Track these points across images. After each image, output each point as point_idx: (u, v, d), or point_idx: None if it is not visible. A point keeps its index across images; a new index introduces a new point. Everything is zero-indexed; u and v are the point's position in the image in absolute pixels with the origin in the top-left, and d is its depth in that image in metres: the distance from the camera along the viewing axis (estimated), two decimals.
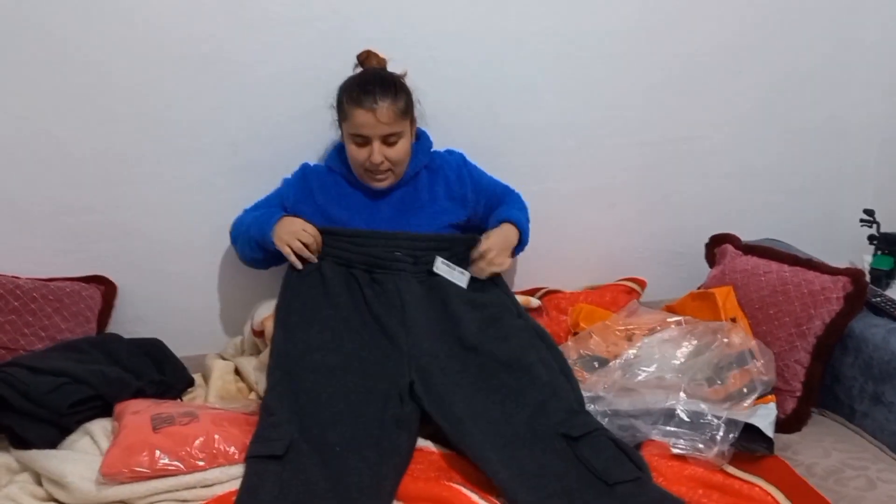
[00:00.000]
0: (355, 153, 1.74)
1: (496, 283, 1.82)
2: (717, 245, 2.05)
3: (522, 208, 1.92)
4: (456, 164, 1.90)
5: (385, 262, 1.74)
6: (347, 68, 1.83)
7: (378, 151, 1.71)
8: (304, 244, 1.73)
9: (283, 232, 1.75)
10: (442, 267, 1.76)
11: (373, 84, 1.71)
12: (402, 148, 1.75)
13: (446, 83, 1.96)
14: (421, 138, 1.88)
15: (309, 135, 1.95)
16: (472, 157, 1.96)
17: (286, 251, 1.73)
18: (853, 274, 1.68)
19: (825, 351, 1.67)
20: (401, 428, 1.52)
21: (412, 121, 1.79)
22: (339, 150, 1.87)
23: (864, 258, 2.16)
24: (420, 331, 1.67)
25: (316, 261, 1.75)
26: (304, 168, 1.89)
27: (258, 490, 1.37)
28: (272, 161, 1.94)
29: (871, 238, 2.12)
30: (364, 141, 1.72)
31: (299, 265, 1.74)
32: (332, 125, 1.86)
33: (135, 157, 1.89)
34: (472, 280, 1.78)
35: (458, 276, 1.77)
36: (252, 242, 1.80)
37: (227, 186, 1.95)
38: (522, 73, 2.05)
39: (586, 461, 1.42)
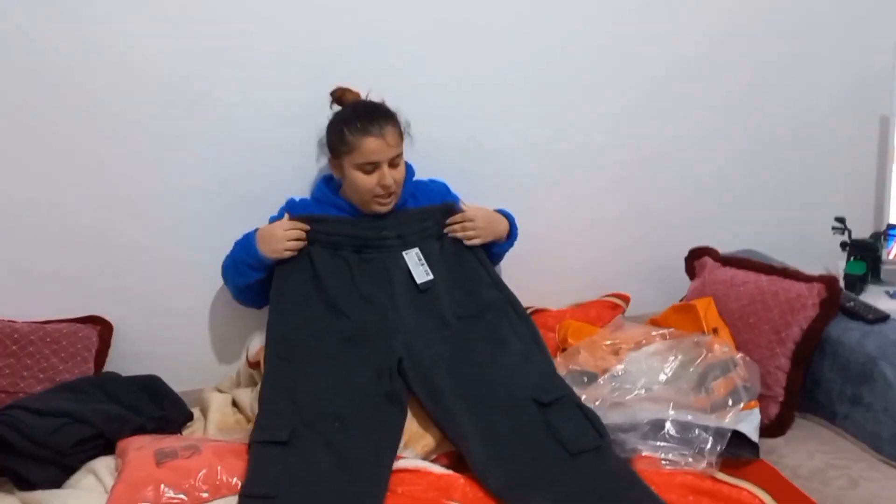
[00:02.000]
0: (363, 181, 1.79)
1: (476, 256, 1.90)
2: (696, 258, 2.11)
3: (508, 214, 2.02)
4: (439, 191, 1.97)
5: (373, 241, 1.82)
6: (328, 101, 1.89)
7: (389, 174, 1.79)
8: (298, 239, 1.80)
9: (272, 242, 1.80)
10: (413, 257, 1.83)
11: (371, 113, 1.80)
12: (403, 168, 1.85)
13: (428, 113, 2.01)
14: (407, 166, 1.92)
15: (296, 168, 2.00)
16: (456, 182, 2.02)
17: (289, 255, 1.79)
18: (827, 280, 1.75)
19: (804, 356, 1.73)
20: (392, 403, 1.64)
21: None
22: (325, 182, 1.93)
23: (839, 264, 2.24)
24: (406, 307, 1.78)
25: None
26: (290, 203, 1.93)
27: (264, 471, 1.47)
28: (261, 195, 1.98)
29: (843, 245, 2.20)
30: (373, 167, 1.78)
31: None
32: (318, 158, 1.91)
33: (127, 197, 1.93)
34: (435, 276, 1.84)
35: (422, 273, 1.82)
36: (245, 269, 1.84)
37: (219, 222, 1.99)
38: (501, 100, 2.12)
39: (554, 429, 1.56)
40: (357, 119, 1.79)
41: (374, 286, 1.80)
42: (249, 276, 1.84)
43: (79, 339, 1.86)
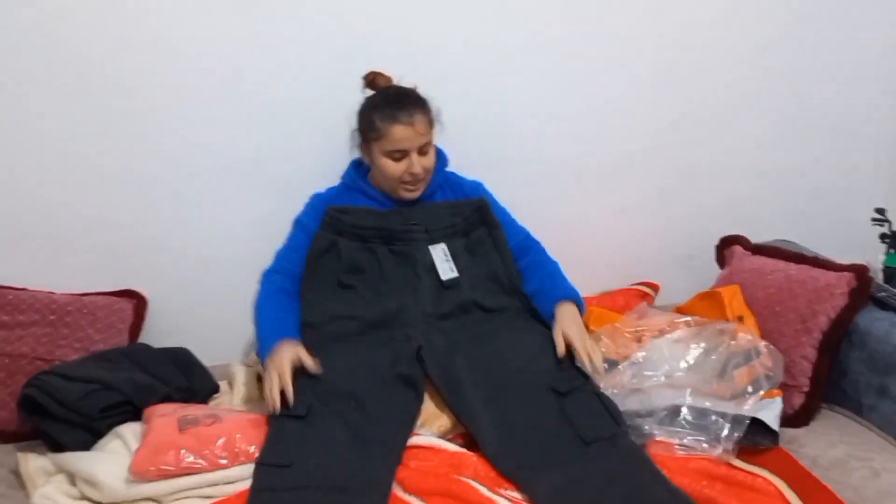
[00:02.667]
0: (392, 168, 1.79)
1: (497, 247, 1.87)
2: (727, 246, 2.08)
3: (556, 269, 1.89)
4: (471, 186, 1.94)
5: (400, 234, 1.82)
6: (360, 84, 1.91)
7: (418, 162, 1.78)
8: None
9: (270, 373, 1.62)
10: (440, 253, 1.82)
11: (403, 100, 1.78)
12: (433, 156, 1.83)
13: (458, 96, 2.00)
14: (439, 155, 1.92)
15: (326, 149, 2.02)
16: (483, 167, 2.00)
17: (265, 393, 1.61)
18: (858, 269, 1.71)
19: (831, 346, 1.69)
20: (409, 388, 1.66)
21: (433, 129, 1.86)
22: (355, 168, 1.93)
23: (878, 257, 2.17)
24: (429, 297, 1.80)
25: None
26: (315, 200, 1.91)
27: (281, 442, 1.51)
28: (291, 176, 2.02)
29: (883, 236, 2.13)
30: (402, 155, 1.78)
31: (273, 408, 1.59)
32: (349, 140, 1.93)
33: (162, 176, 1.99)
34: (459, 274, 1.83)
35: (447, 269, 1.82)
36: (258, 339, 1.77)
37: (250, 201, 2.04)
38: (532, 83, 2.11)
39: (570, 418, 1.55)
40: (387, 105, 1.78)
41: (400, 276, 1.82)
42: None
43: (114, 312, 1.93)
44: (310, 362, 1.63)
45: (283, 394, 1.57)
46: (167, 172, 1.99)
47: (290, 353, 1.63)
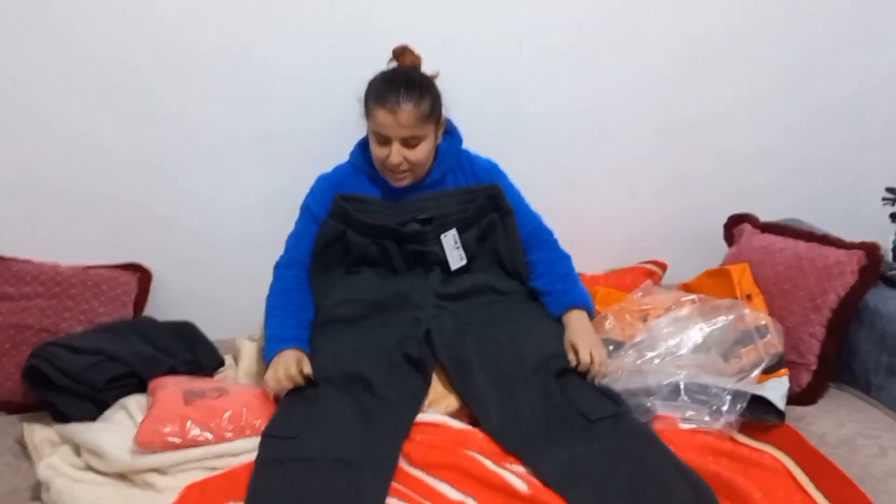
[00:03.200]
0: (376, 150, 1.76)
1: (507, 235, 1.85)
2: (735, 224, 2.06)
3: (569, 268, 1.87)
4: (486, 169, 1.89)
5: (411, 235, 1.79)
6: (371, 62, 1.87)
7: (397, 153, 1.71)
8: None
9: (272, 373, 1.62)
10: (450, 240, 1.80)
11: (398, 85, 1.70)
12: (422, 151, 1.74)
13: (468, 76, 1.98)
14: (452, 136, 1.88)
15: (334, 127, 1.99)
16: (495, 148, 1.97)
17: (268, 389, 1.62)
18: (868, 248, 1.69)
19: (840, 324, 1.68)
20: (417, 370, 1.66)
21: (437, 123, 1.78)
22: (360, 148, 1.89)
23: (889, 237, 2.15)
24: (438, 282, 1.79)
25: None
26: (324, 178, 1.87)
27: (288, 416, 1.52)
28: (299, 153, 2.01)
29: (893, 216, 2.11)
30: (385, 140, 1.72)
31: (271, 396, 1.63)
32: (355, 118, 1.91)
33: (169, 151, 1.98)
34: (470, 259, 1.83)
35: (456, 258, 1.80)
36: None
37: (257, 178, 2.04)
38: (541, 63, 2.09)
39: (572, 400, 1.56)
40: (381, 85, 1.72)
41: (409, 264, 1.81)
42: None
43: (119, 285, 1.92)
44: (308, 370, 1.62)
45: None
46: (173, 148, 1.98)
47: (291, 360, 1.62)
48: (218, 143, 2.00)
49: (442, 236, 1.79)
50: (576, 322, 1.74)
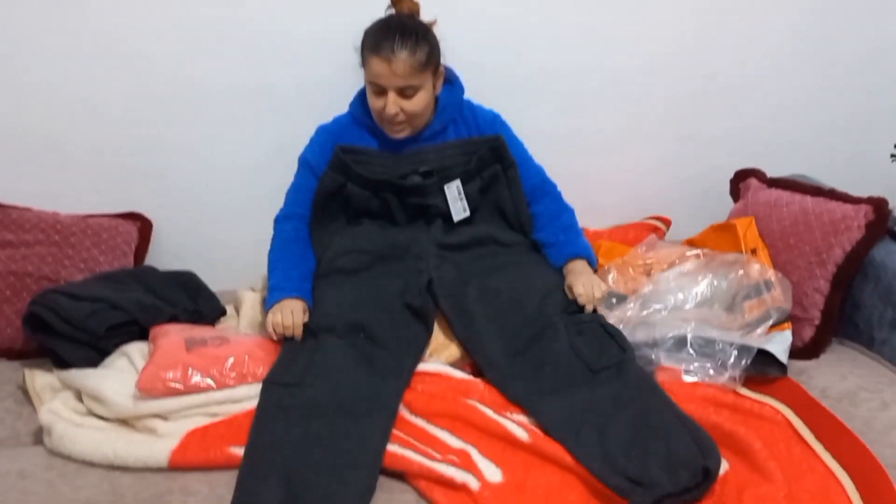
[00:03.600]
0: (373, 101, 1.73)
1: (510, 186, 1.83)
2: (741, 180, 2.04)
3: (572, 220, 1.86)
4: (489, 121, 1.86)
5: (412, 189, 1.77)
6: (370, 11, 1.82)
7: (393, 103, 1.67)
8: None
9: (275, 316, 1.63)
10: (453, 190, 1.78)
11: (393, 33, 1.65)
12: (419, 101, 1.70)
13: (473, 32, 1.95)
14: (454, 86, 1.84)
15: (335, 78, 1.97)
16: (500, 103, 1.93)
17: (269, 330, 1.63)
18: (876, 202, 1.67)
19: (845, 279, 1.67)
20: (418, 320, 1.65)
21: (435, 73, 1.74)
22: (360, 99, 1.85)
23: None
24: (441, 232, 1.78)
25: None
26: (323, 130, 1.85)
27: (290, 363, 1.52)
28: (299, 104, 1.98)
29: None
30: (381, 90, 1.69)
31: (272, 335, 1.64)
32: (355, 68, 1.87)
33: (169, 99, 1.95)
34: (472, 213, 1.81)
35: (459, 209, 1.78)
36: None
37: (257, 129, 2.01)
38: (547, 16, 2.04)
39: (577, 349, 1.54)
40: (377, 33, 1.68)
41: (409, 218, 1.80)
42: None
43: (119, 234, 1.91)
44: (305, 319, 1.63)
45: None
46: (174, 97, 1.96)
47: (295, 307, 1.63)
48: (218, 93, 1.97)
49: (445, 186, 1.77)
50: (576, 268, 1.74)
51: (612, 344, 1.55)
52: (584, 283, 1.67)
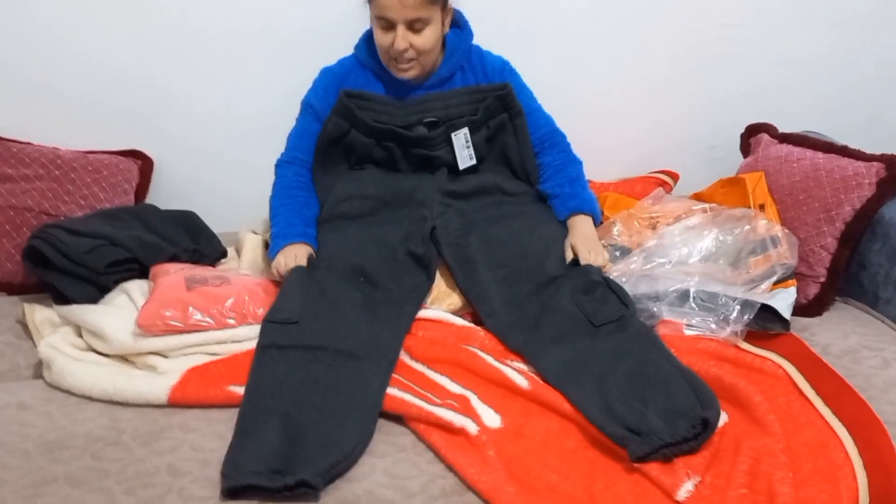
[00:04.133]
0: (380, 38, 1.68)
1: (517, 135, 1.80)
2: (752, 134, 2.01)
3: (578, 172, 1.83)
4: (497, 68, 1.82)
5: (418, 140, 1.74)
6: None
7: (402, 38, 1.64)
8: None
9: (281, 259, 1.64)
10: (461, 139, 1.75)
11: None
12: (429, 36, 1.67)
13: None
14: (464, 30, 1.80)
15: (341, 16, 1.92)
16: (506, 45, 1.89)
17: (273, 274, 1.64)
18: (888, 160, 1.65)
19: (853, 237, 1.65)
20: (420, 268, 1.64)
21: (444, 9, 1.70)
22: (366, 41, 1.81)
23: None
24: (445, 179, 1.76)
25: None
26: (327, 72, 1.81)
27: (290, 302, 1.51)
28: (303, 43, 1.94)
29: None
30: (389, 25, 1.65)
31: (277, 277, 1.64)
32: (361, 7, 1.83)
33: (171, 37, 1.92)
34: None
35: (465, 157, 1.76)
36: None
37: (262, 66, 1.98)
38: None
39: (580, 304, 1.53)
40: None
41: (413, 167, 1.78)
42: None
43: (120, 171, 1.89)
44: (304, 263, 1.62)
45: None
46: (176, 33, 1.92)
47: (300, 251, 1.63)
48: (221, 31, 1.94)
49: (453, 135, 1.74)
50: (579, 226, 1.72)
51: (615, 300, 1.53)
52: (588, 250, 1.64)
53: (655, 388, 1.31)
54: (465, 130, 1.75)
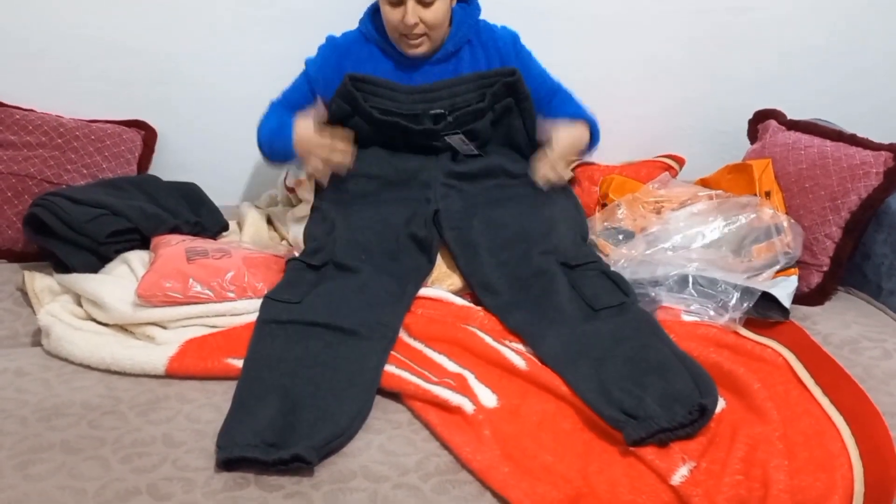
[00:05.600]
0: (389, 13, 1.66)
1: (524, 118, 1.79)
2: (760, 121, 1.99)
3: (583, 109, 1.83)
4: (507, 41, 1.80)
5: (421, 133, 1.72)
6: None
7: (412, 12, 1.62)
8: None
9: (308, 153, 1.65)
10: (457, 141, 1.72)
11: None
12: (439, 10, 1.65)
13: None
14: (471, 4, 1.78)
15: None
16: (514, 25, 1.87)
17: (314, 166, 1.65)
18: None
19: (858, 226, 1.64)
20: (422, 250, 1.63)
21: None
22: (373, 13, 1.78)
23: None
24: (448, 163, 1.74)
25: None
26: (331, 42, 1.79)
27: (293, 284, 1.51)
28: (310, 10, 1.93)
29: None
30: (398, 0, 1.63)
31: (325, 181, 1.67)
32: None
33: (178, 8, 1.91)
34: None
35: (467, 150, 1.74)
36: (280, 154, 1.75)
37: (266, 37, 1.96)
38: None
39: (579, 288, 1.53)
40: None
41: (418, 149, 1.75)
42: (286, 160, 1.77)
43: (123, 142, 1.88)
44: (323, 110, 1.65)
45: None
46: (184, 4, 1.91)
47: (310, 118, 1.64)
48: (228, 6, 1.93)
49: (447, 137, 1.72)
50: (567, 129, 1.71)
51: (615, 288, 1.53)
52: (552, 165, 1.66)
53: (654, 374, 1.31)
54: (460, 135, 1.72)
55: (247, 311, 1.48)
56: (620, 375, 1.31)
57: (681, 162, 2.15)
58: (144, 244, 1.65)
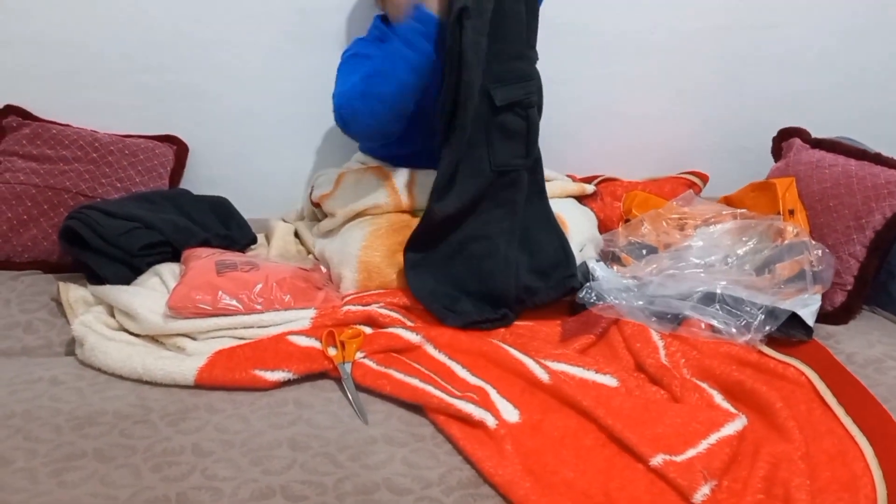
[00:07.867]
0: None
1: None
2: (785, 138, 1.99)
3: None
4: None
5: None
6: None
7: None
8: None
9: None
10: None
11: None
12: None
13: None
14: None
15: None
16: (542, 39, 1.84)
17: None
18: None
19: (882, 245, 1.63)
20: None
21: None
22: (380, 18, 1.82)
23: None
24: None
25: None
26: (357, 42, 1.80)
27: None
28: (340, 29, 1.96)
29: None
30: None
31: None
32: None
33: (208, 20, 1.94)
34: None
35: None
36: (417, 60, 1.57)
37: (296, 53, 2.00)
38: None
39: None
40: None
41: None
42: (426, 60, 1.58)
43: (155, 156, 1.93)
44: None
45: None
46: (213, 17, 1.95)
47: None
48: (257, 15, 1.96)
49: None
50: None
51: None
52: None
53: None
54: None
55: (273, 322, 1.51)
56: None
57: (704, 179, 2.15)
58: (175, 257, 1.68)
